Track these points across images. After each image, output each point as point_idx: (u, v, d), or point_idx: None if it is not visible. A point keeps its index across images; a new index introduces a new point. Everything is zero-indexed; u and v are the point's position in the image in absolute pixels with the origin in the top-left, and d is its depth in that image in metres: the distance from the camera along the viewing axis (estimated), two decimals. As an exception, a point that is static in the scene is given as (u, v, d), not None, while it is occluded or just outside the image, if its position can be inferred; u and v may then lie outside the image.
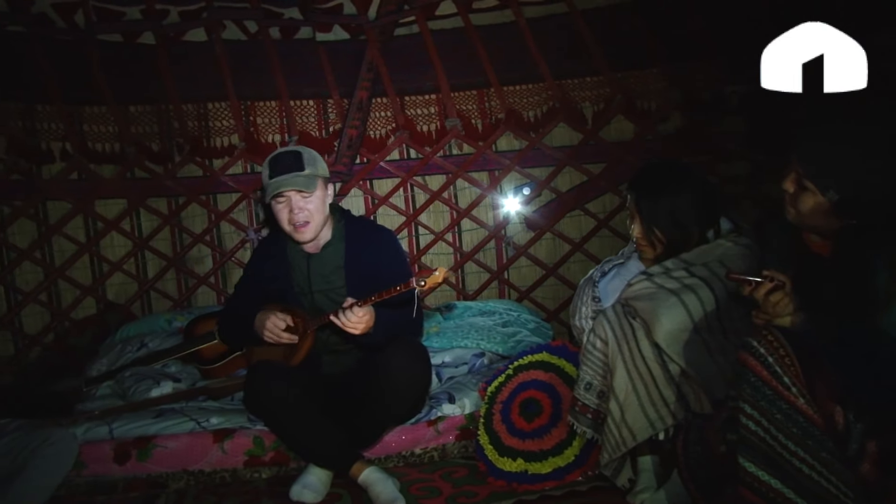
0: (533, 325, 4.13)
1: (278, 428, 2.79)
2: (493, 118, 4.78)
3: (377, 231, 3.02)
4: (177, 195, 4.76)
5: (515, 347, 3.68)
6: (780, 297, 1.90)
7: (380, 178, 4.89)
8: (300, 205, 2.76)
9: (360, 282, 2.80)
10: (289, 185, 2.73)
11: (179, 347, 3.82)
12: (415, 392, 2.80)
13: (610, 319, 2.51)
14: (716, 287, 2.39)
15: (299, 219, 2.76)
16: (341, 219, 2.96)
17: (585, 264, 4.56)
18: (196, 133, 4.69)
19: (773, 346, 1.77)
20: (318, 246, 2.91)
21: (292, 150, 2.83)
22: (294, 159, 2.77)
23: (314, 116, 4.82)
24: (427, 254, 4.91)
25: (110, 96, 4.57)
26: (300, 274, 2.92)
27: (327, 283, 2.90)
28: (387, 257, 2.88)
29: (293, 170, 2.75)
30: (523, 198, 4.82)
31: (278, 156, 2.80)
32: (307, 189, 2.75)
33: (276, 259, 2.96)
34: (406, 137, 4.77)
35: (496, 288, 4.92)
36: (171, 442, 2.97)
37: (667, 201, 2.54)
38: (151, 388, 3.43)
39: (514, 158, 4.76)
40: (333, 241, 2.91)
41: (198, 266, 4.86)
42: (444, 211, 4.94)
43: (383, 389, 2.66)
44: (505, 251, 4.91)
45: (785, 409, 1.74)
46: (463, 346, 3.76)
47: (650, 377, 2.40)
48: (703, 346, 2.33)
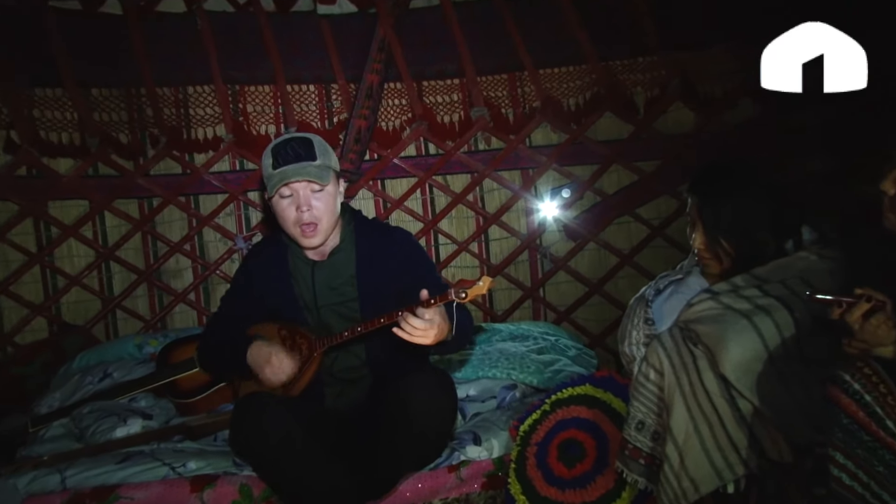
0: (574, 352, 4.14)
1: (275, 474, 2.70)
2: (526, 107, 4.79)
3: (391, 232, 3.01)
4: (150, 196, 4.77)
5: (553, 379, 3.67)
6: (880, 322, 1.86)
7: (393, 178, 4.92)
8: (310, 201, 2.75)
9: (376, 293, 2.80)
10: (299, 175, 2.70)
11: (151, 378, 3.79)
12: (439, 430, 2.76)
13: (666, 346, 2.49)
14: (796, 308, 2.36)
15: (307, 218, 2.75)
16: (351, 220, 2.95)
17: (636, 280, 4.56)
18: (174, 122, 4.69)
19: (872, 382, 1.73)
20: (324, 252, 2.90)
21: (301, 136, 2.81)
22: (304, 146, 2.76)
23: (315, 104, 4.83)
24: (448, 267, 4.92)
25: (69, 76, 4.49)
26: (303, 285, 2.91)
27: (336, 295, 2.89)
28: (408, 263, 2.86)
29: (303, 159, 2.73)
30: (562, 201, 4.82)
31: (284, 143, 2.77)
32: (320, 181, 2.73)
33: (274, 267, 2.95)
34: (424, 130, 4.78)
35: (530, 308, 4.93)
36: (138, 492, 2.90)
37: (735, 205, 2.52)
38: (116, 426, 3.38)
39: (552, 154, 4.77)
40: (343, 247, 2.90)
41: (175, 280, 4.87)
42: (468, 217, 4.96)
43: (402, 426, 2.62)
44: (540, 264, 4.92)
45: (888, 461, 1.70)
46: (491, 376, 3.74)
47: (716, 416, 2.37)
48: (781, 380, 2.30)
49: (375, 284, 2.84)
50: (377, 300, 2.74)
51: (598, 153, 4.72)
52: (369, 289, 2.84)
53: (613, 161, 4.71)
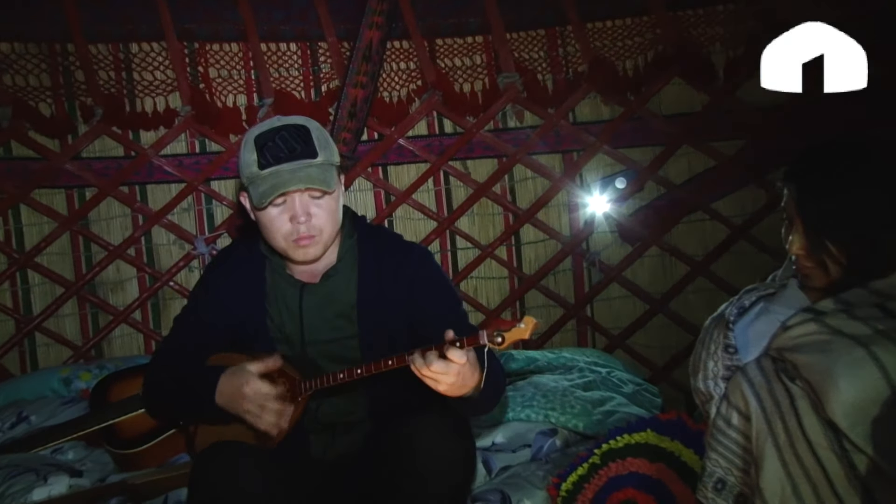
0: (631, 387, 4.15)
1: None
2: (569, 72, 4.80)
3: (406, 250, 2.93)
4: (81, 185, 4.79)
5: (604, 422, 3.66)
6: None
7: (398, 164, 4.95)
8: (309, 209, 2.67)
9: (381, 330, 2.77)
10: (298, 183, 2.64)
11: (82, 422, 3.80)
12: (456, 488, 2.70)
13: (754, 382, 2.43)
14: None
15: (304, 231, 2.68)
16: (353, 231, 2.89)
17: (712, 295, 4.56)
18: (113, 90, 4.70)
19: None
20: (316, 272, 2.84)
21: (294, 122, 2.73)
22: (300, 138, 2.68)
23: (298, 68, 4.86)
24: (469, 277, 4.94)
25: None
26: (287, 314, 2.86)
27: (330, 330, 2.84)
28: (427, 292, 2.81)
29: (300, 156, 2.66)
30: (616, 193, 4.82)
31: (273, 132, 2.69)
32: (325, 187, 2.66)
33: (246, 285, 2.90)
34: (438, 101, 4.80)
35: (573, 330, 4.96)
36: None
37: (847, 199, 2.45)
38: (34, 486, 3.34)
39: (603, 133, 4.78)
40: (341, 267, 2.85)
41: (114, 295, 4.88)
42: (494, 213, 4.97)
43: (408, 483, 2.57)
44: (587, 274, 4.95)
45: None
46: (524, 418, 3.75)
47: (821, 474, 2.31)
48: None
49: (382, 318, 2.79)
50: (383, 339, 2.71)
51: (663, 131, 4.73)
52: (373, 323, 2.79)
53: (683, 141, 4.72)
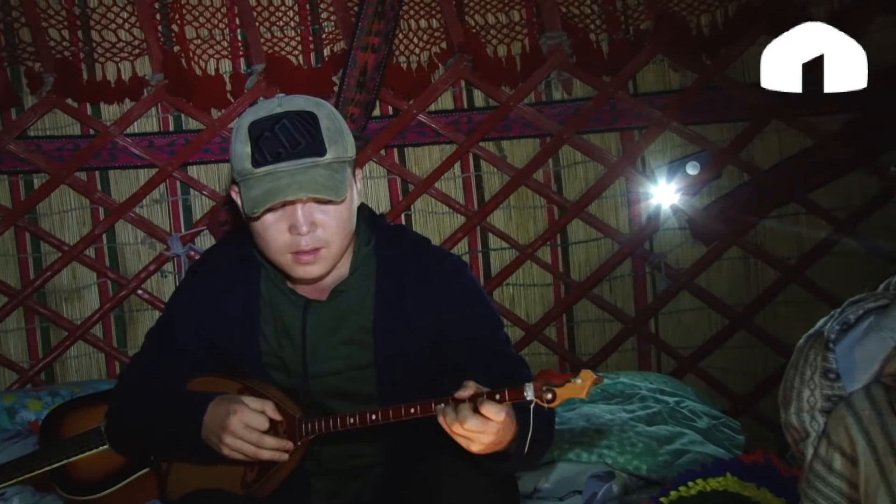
0: (706, 421, 4.16)
1: None
2: (630, 30, 4.81)
3: (436, 261, 2.89)
4: (28, 170, 4.85)
5: (672, 464, 3.67)
6: None
7: (418, 145, 4.97)
8: (314, 217, 2.62)
9: (402, 360, 2.75)
10: (299, 191, 2.57)
11: (30, 461, 3.76)
12: None
13: (862, 416, 2.39)
14: None
15: (306, 244, 2.63)
16: (369, 236, 2.86)
17: (808, 308, 4.57)
18: (68, 54, 4.72)
19: None
20: (324, 287, 2.81)
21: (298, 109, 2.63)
22: (306, 130, 2.61)
23: (294, 27, 4.88)
24: (504, 284, 4.95)
25: None
26: (286, 337, 2.84)
27: (339, 358, 2.82)
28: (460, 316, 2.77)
29: (305, 153, 2.58)
30: (687, 181, 4.80)
31: (274, 119, 2.62)
32: (334, 195, 2.60)
33: (237, 297, 2.88)
34: (467, 68, 4.81)
35: (633, 350, 4.96)
36: None
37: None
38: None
39: (671, 107, 4.76)
40: (354, 281, 2.82)
41: (69, 306, 4.90)
42: (535, 206, 4.98)
43: None
44: (650, 281, 4.95)
45: None
46: (573, 458, 3.79)
47: (946, 531, 2.24)
48: None
49: (402, 346, 2.77)
50: (404, 371, 2.70)
51: (748, 103, 4.68)
52: (393, 351, 2.77)
53: (772, 116, 4.70)
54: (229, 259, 2.92)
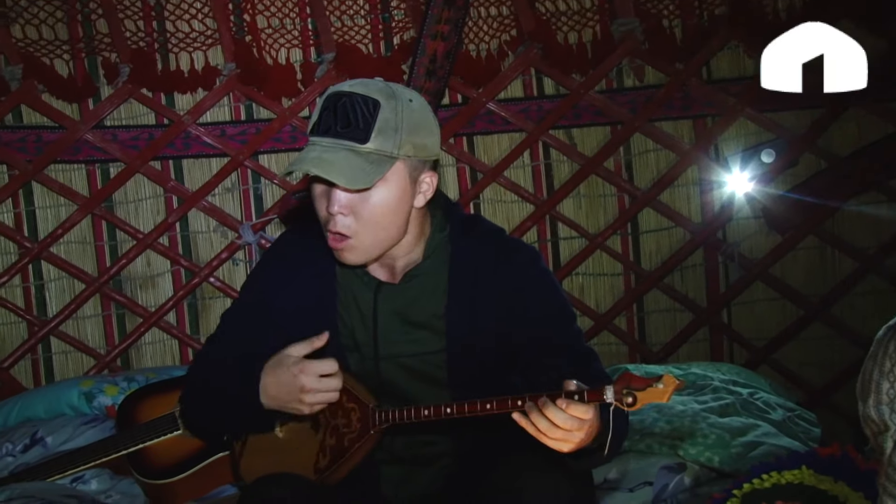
0: (780, 413, 4.09)
1: None
2: (704, 15, 4.77)
3: (511, 252, 2.86)
4: (104, 160, 4.85)
5: (745, 456, 3.61)
6: None
7: (487, 134, 4.95)
8: (343, 201, 2.61)
9: (474, 347, 2.73)
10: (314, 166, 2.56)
11: (108, 445, 3.80)
12: None
13: None
14: None
15: (334, 226, 2.63)
16: (445, 224, 2.84)
17: (888, 299, 4.51)
18: (143, 44, 4.74)
19: None
20: (396, 271, 2.81)
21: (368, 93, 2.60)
22: (360, 113, 2.59)
23: (364, 16, 4.87)
24: (573, 274, 4.94)
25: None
26: (356, 317, 2.83)
27: (410, 342, 2.80)
28: (533, 308, 2.75)
29: (346, 135, 2.57)
30: (762, 169, 4.74)
31: (344, 95, 2.61)
32: (347, 181, 2.57)
33: (314, 280, 2.88)
34: (537, 56, 4.79)
35: (706, 341, 4.92)
36: None
37: None
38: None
39: (746, 93, 4.70)
40: (427, 267, 2.80)
41: (144, 293, 4.93)
42: (605, 195, 4.95)
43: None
44: (723, 271, 4.91)
45: None
46: (643, 449, 3.78)
47: None
48: None
49: (474, 333, 2.75)
50: (475, 358, 2.67)
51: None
52: (464, 338, 2.76)
53: (850, 102, 4.59)
54: (304, 243, 2.91)
